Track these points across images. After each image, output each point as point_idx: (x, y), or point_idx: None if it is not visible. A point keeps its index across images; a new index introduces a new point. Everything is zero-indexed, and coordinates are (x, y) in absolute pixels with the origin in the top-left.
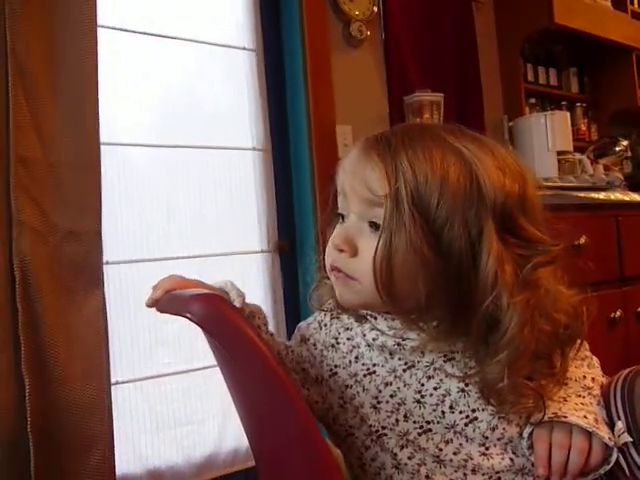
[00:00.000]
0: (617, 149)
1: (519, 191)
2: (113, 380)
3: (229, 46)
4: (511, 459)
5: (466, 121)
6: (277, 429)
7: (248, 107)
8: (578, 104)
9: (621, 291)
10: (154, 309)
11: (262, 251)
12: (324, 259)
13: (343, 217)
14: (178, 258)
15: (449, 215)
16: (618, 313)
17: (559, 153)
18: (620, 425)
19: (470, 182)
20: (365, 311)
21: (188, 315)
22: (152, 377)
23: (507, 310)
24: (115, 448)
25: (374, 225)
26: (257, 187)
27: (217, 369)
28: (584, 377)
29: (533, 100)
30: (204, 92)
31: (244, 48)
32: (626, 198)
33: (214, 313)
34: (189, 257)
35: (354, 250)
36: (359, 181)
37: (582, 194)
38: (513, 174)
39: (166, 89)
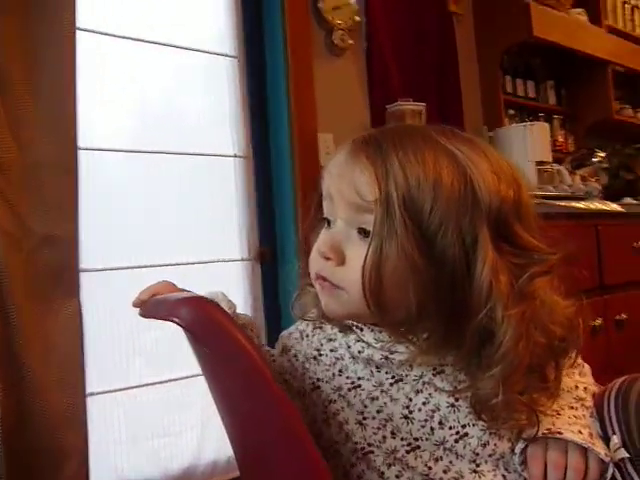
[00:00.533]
0: (594, 160)
1: (514, 196)
2: (88, 391)
3: (211, 52)
4: (503, 476)
5: None
6: (265, 434)
7: (229, 114)
8: (555, 116)
9: (602, 299)
10: (133, 317)
11: (242, 259)
12: (307, 266)
13: (329, 222)
14: (156, 266)
15: (442, 221)
16: (599, 321)
17: (538, 163)
18: (616, 440)
19: (464, 186)
20: (350, 321)
21: (176, 319)
22: (128, 388)
23: (502, 323)
24: (90, 461)
25: (363, 232)
26: (238, 195)
27: (195, 379)
28: (576, 387)
29: (512, 111)
30: (185, 98)
31: (226, 55)
32: (606, 207)
33: (203, 317)
34: (168, 265)
35: (341, 258)
36: (347, 185)
37: (563, 203)
38: (507, 178)
39: (146, 94)
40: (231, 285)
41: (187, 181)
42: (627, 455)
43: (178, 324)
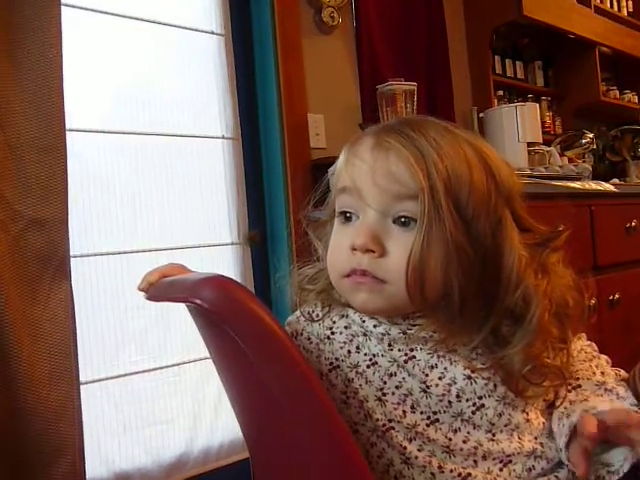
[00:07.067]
0: (583, 142)
1: (517, 182)
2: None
3: (197, 30)
4: (519, 443)
5: (437, 111)
6: (298, 417)
7: (217, 94)
8: (543, 97)
9: (595, 280)
10: (122, 304)
11: (232, 243)
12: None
13: (347, 217)
14: (144, 251)
15: (475, 207)
16: (592, 302)
17: (528, 145)
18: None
19: (487, 173)
20: None
21: (197, 301)
22: (119, 376)
23: (533, 296)
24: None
25: (400, 220)
26: (226, 177)
27: (187, 366)
28: (594, 373)
29: (500, 92)
30: (172, 78)
31: (212, 32)
32: (600, 187)
33: (227, 297)
34: (156, 250)
35: (383, 250)
36: (382, 175)
37: (559, 183)
38: (509, 166)
39: (133, 74)
40: (221, 269)
41: (175, 163)
42: None
43: (200, 306)
